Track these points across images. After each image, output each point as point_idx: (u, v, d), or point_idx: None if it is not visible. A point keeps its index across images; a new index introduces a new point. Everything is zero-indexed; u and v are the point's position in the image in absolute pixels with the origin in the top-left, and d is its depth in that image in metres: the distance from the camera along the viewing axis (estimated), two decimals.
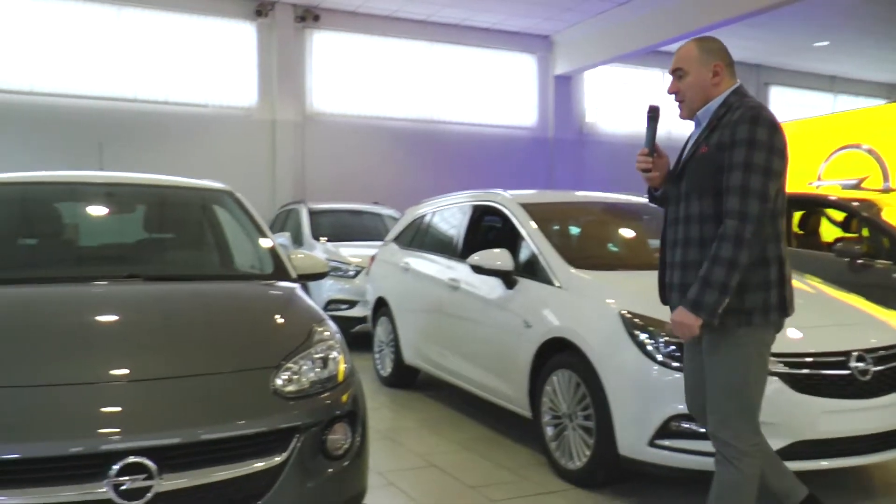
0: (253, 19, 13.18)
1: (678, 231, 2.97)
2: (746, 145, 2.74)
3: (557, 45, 15.21)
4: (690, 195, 2.92)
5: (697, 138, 2.96)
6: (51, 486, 2.40)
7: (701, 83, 2.93)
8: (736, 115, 2.81)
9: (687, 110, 3.01)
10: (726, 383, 2.88)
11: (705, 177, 2.85)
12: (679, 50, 3.00)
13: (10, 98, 11.76)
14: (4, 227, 4.17)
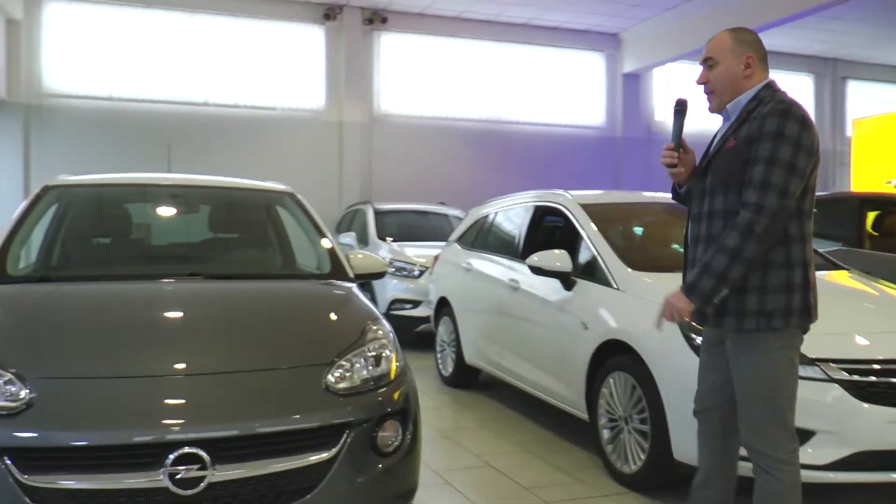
0: (321, 23, 13.39)
1: (701, 227, 2.88)
2: (773, 139, 2.65)
3: (626, 43, 15.02)
4: (715, 190, 2.82)
5: (726, 132, 2.87)
6: (113, 472, 2.53)
7: (732, 74, 2.84)
8: (766, 109, 2.72)
9: (716, 102, 2.92)
10: (756, 390, 2.78)
11: (732, 171, 2.76)
12: (711, 40, 2.92)
13: (89, 103, 12.29)
14: (81, 227, 4.39)
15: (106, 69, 12.37)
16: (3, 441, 2.51)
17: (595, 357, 4.51)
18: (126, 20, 12.49)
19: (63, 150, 12.01)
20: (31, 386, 2.65)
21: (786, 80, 16.57)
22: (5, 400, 2.61)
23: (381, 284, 8.90)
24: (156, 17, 12.61)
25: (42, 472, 2.50)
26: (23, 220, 3.96)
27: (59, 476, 2.50)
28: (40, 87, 12.11)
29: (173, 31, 12.70)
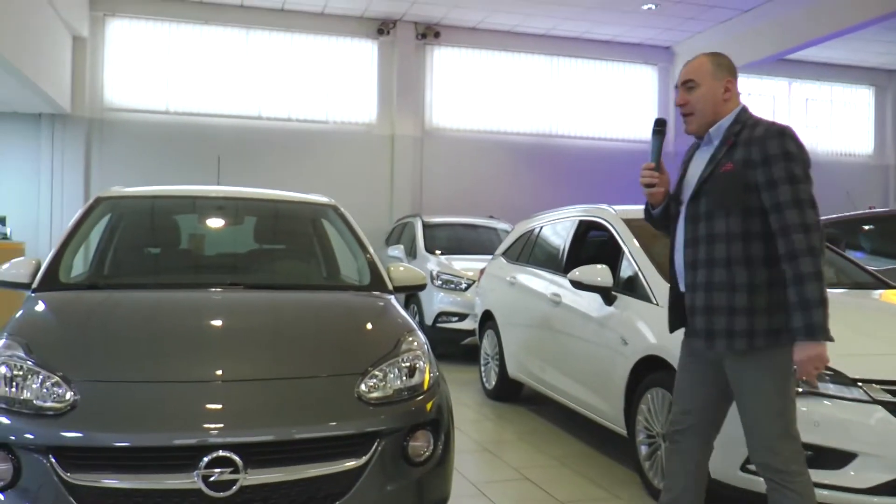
0: (375, 38, 13.59)
1: (699, 251, 2.86)
2: (784, 159, 2.70)
3: (679, 56, 14.90)
4: (714, 213, 2.82)
5: (714, 155, 2.88)
6: (151, 472, 2.63)
7: (713, 97, 2.89)
8: (759, 132, 2.78)
9: (696, 124, 2.95)
10: (767, 407, 2.79)
11: (732, 194, 2.77)
12: (690, 63, 2.97)
13: (147, 117, 12.75)
14: (131, 237, 4.56)
15: (164, 84, 12.81)
16: (49, 440, 2.63)
17: (634, 373, 4.49)
18: (184, 36, 12.90)
19: (121, 162, 12.47)
20: (76, 388, 2.77)
21: (845, 93, 16.28)
22: (52, 401, 2.74)
23: (427, 297, 8.98)
24: (213, 32, 12.99)
25: (84, 471, 2.60)
26: (75, 230, 4.14)
27: (99, 475, 2.60)
28: (102, 102, 12.59)
29: (230, 47, 13.06)
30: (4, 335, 3.10)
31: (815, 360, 2.65)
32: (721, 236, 2.80)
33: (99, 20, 12.58)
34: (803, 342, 2.65)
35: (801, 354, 2.66)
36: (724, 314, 2.79)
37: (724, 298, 2.78)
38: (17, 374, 2.82)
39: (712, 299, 2.83)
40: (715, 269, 2.81)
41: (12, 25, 8.93)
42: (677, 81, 2.99)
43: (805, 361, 2.67)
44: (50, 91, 10.77)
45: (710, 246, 2.83)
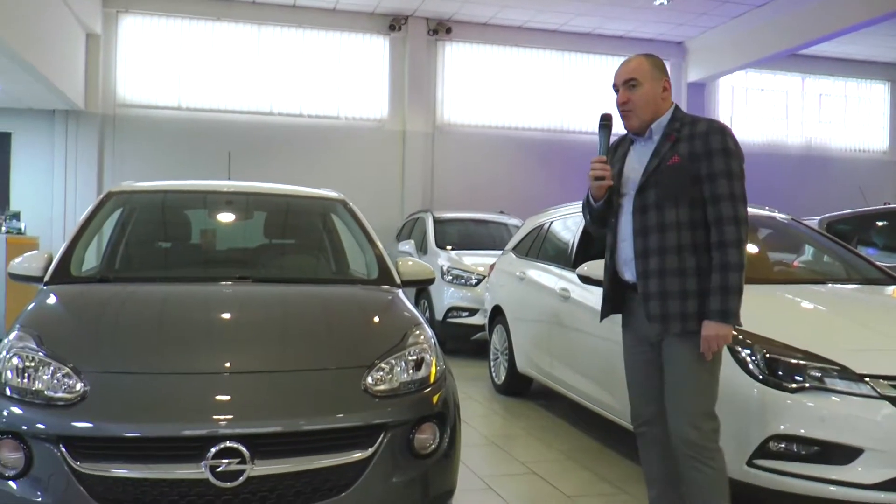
0: (386, 34, 13.62)
1: (650, 240, 3.01)
2: (723, 154, 2.92)
3: (691, 52, 14.86)
4: (663, 204, 2.98)
5: (658, 149, 3.04)
6: (159, 462, 2.66)
7: (653, 96, 3.06)
8: (702, 128, 2.99)
9: (637, 121, 3.08)
10: (695, 386, 2.99)
11: (680, 186, 2.96)
12: (629, 63, 3.11)
13: (159, 113, 12.86)
14: (142, 231, 4.61)
15: (176, 80, 12.89)
16: (59, 429, 2.67)
17: None
18: (196, 32, 12.97)
19: (134, 157, 12.58)
20: (86, 379, 2.81)
21: (860, 88, 16.18)
22: (62, 392, 2.78)
23: (438, 292, 9.01)
24: (225, 29, 13.06)
25: (93, 460, 2.64)
26: (87, 225, 4.19)
27: (109, 464, 2.64)
28: (115, 98, 12.69)
29: (241, 43, 13.13)
30: (17, 327, 3.14)
31: (721, 339, 2.91)
32: (672, 225, 2.97)
33: (112, 17, 12.66)
34: (715, 322, 2.88)
35: (710, 331, 2.89)
36: (677, 298, 2.95)
37: (677, 283, 2.95)
38: (29, 365, 2.87)
39: (665, 284, 2.97)
40: (668, 256, 2.97)
41: (27, 23, 9.01)
42: (615, 81, 3.13)
43: (712, 338, 2.90)
44: (64, 87, 10.86)
45: (661, 234, 2.99)
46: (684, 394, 3.00)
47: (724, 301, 2.88)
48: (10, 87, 10.71)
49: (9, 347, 2.98)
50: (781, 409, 3.56)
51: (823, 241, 5.51)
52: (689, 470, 2.99)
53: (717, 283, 2.89)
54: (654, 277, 2.99)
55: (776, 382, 3.60)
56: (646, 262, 3.02)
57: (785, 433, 3.53)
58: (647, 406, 3.19)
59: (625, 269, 3.14)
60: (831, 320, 4.14)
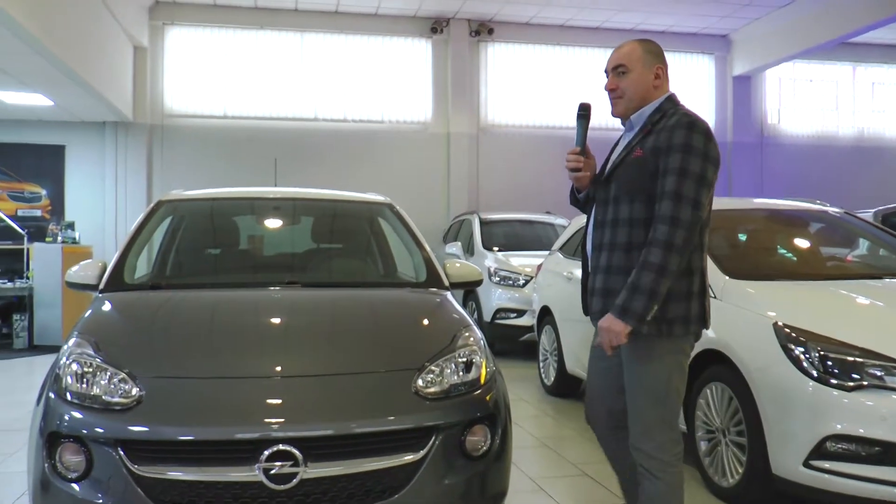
0: (428, 36, 13.65)
1: (604, 234, 2.88)
2: (682, 151, 2.69)
3: (736, 44, 14.60)
4: (620, 198, 2.84)
5: (630, 141, 2.90)
6: (213, 465, 2.71)
7: (643, 83, 2.89)
8: (672, 121, 2.77)
9: (623, 107, 2.94)
10: (648, 393, 2.81)
11: (638, 180, 2.79)
12: (620, 48, 2.95)
13: (205, 122, 13.08)
14: (191, 238, 4.69)
15: (221, 89, 13.09)
16: (117, 433, 2.74)
17: (692, 367, 4.42)
18: (240, 42, 13.16)
19: (181, 166, 12.81)
20: (142, 384, 2.87)
21: None
22: (119, 396, 2.84)
23: (486, 294, 9.00)
24: (269, 37, 13.21)
25: (149, 463, 2.70)
26: (138, 233, 4.28)
27: (164, 467, 2.70)
28: (162, 108, 12.94)
29: (285, 51, 13.26)
30: (75, 334, 3.22)
31: (613, 334, 2.69)
32: (624, 221, 2.82)
33: (158, 29, 12.91)
34: (613, 316, 2.69)
35: (606, 323, 2.71)
36: (617, 297, 2.73)
37: (620, 282, 2.75)
38: (87, 370, 2.94)
39: (609, 282, 2.83)
40: (614, 253, 2.82)
41: (81, 40, 9.26)
42: (606, 67, 2.98)
43: (606, 330, 2.71)
44: (114, 100, 11.11)
45: (613, 230, 2.85)
46: (639, 401, 2.84)
47: (630, 299, 2.65)
48: (65, 102, 10.99)
49: (68, 354, 3.06)
50: (838, 408, 3.49)
51: (879, 234, 5.37)
52: (641, 479, 2.86)
53: (631, 279, 2.67)
54: (601, 273, 2.87)
55: (832, 381, 3.54)
56: (598, 256, 2.90)
57: (842, 433, 3.47)
58: (597, 407, 3.09)
59: (590, 264, 3.02)
60: (890, 316, 4.03)
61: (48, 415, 2.88)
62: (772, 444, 3.73)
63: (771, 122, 15.14)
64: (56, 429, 2.82)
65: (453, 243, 10.53)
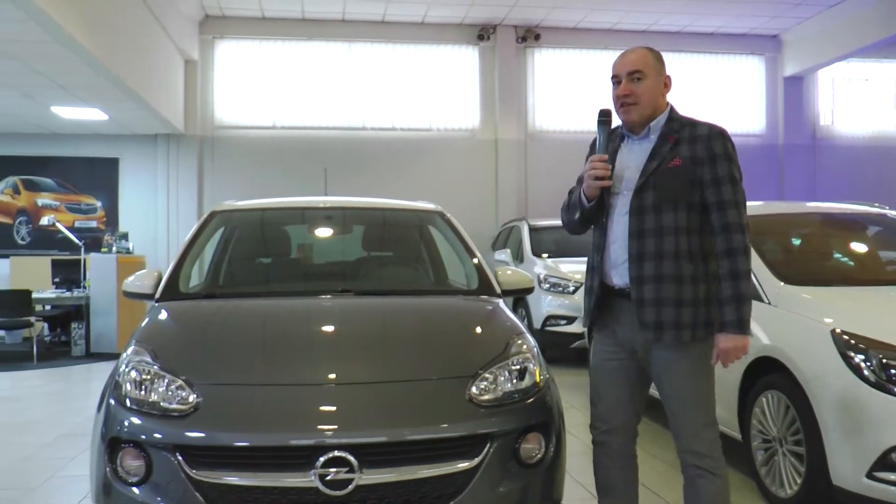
0: (475, 43, 13.67)
1: (646, 244, 2.84)
2: (727, 160, 2.81)
3: (787, 45, 14.34)
4: (662, 207, 2.83)
5: (657, 150, 2.89)
6: (269, 471, 2.74)
7: (656, 90, 2.93)
8: (703, 131, 2.87)
9: (637, 114, 2.91)
10: (699, 396, 2.89)
11: (681, 189, 2.81)
12: (631, 54, 2.94)
13: (255, 133, 13.29)
14: (244, 247, 4.76)
15: (270, 100, 13.28)
16: (175, 439, 2.79)
17: (747, 375, 4.36)
18: (289, 53, 13.34)
19: (232, 177, 13.03)
20: (199, 391, 2.92)
21: None
22: (177, 403, 2.89)
23: (535, 301, 8.96)
24: (317, 48, 13.37)
25: (207, 468, 2.74)
26: (193, 243, 4.36)
27: (221, 472, 2.73)
28: (212, 120, 13.19)
29: (333, 61, 13.41)
30: (133, 342, 3.29)
31: (739, 350, 2.77)
32: (670, 229, 2.82)
33: (208, 43, 13.17)
34: (731, 334, 2.74)
35: (728, 343, 2.75)
36: (672, 306, 2.80)
37: (673, 290, 2.80)
38: (146, 378, 3.00)
39: (661, 291, 2.81)
40: (664, 262, 2.81)
41: (134, 56, 9.49)
42: (617, 72, 2.94)
43: (730, 350, 2.76)
44: (165, 113, 11.35)
45: (658, 238, 2.83)
46: (686, 404, 2.89)
47: (740, 310, 2.74)
48: (119, 116, 11.27)
49: (127, 361, 3.12)
50: None
51: None
52: (696, 479, 2.91)
53: (730, 292, 2.75)
54: (650, 283, 2.82)
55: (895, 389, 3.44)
56: (640, 266, 2.84)
57: None
58: (615, 417, 3.05)
59: (613, 273, 2.94)
60: None
61: (109, 421, 2.95)
62: (832, 454, 3.65)
63: (824, 124, 14.82)
64: (117, 434, 2.88)
65: (502, 250, 10.51)
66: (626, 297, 2.89)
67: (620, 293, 2.92)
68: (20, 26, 6.94)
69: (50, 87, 9.47)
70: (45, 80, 9.07)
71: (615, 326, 2.99)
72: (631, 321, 2.88)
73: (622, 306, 2.93)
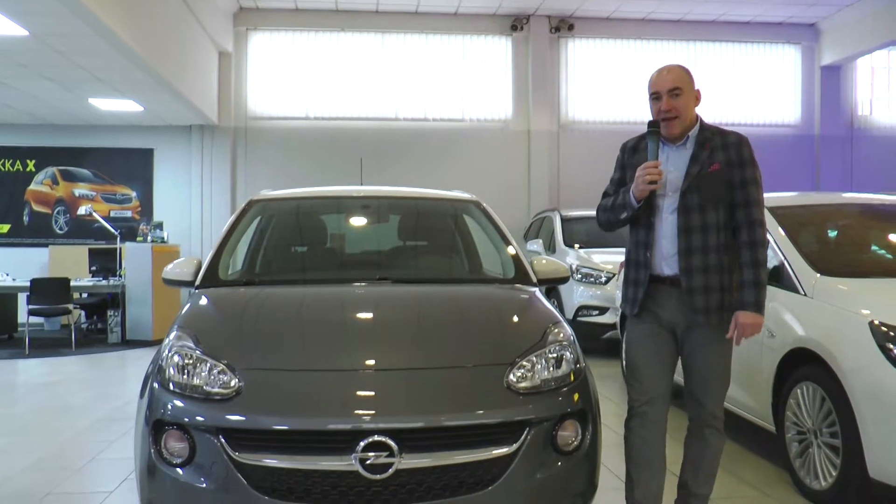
0: (508, 34, 13.65)
1: (694, 239, 3.22)
2: (752, 165, 3.25)
3: (824, 33, 14.12)
4: (706, 207, 3.22)
5: (696, 156, 3.25)
6: (310, 454, 2.79)
7: (691, 104, 3.31)
8: (732, 139, 3.28)
9: (680, 128, 3.28)
10: (725, 369, 3.34)
11: (720, 190, 3.22)
12: (670, 73, 3.31)
13: (288, 124, 13.42)
14: (281, 236, 4.82)
15: (303, 91, 13.39)
16: (218, 422, 2.85)
17: (781, 366, 4.35)
18: (322, 44, 13.42)
19: (265, 168, 13.17)
20: (240, 375, 2.98)
21: None
22: (219, 387, 2.95)
23: (568, 291, 8.96)
24: (349, 39, 13.44)
25: (249, 451, 2.80)
26: (231, 231, 4.43)
27: (262, 455, 2.79)
28: (246, 111, 13.33)
29: (366, 52, 13.47)
30: (175, 327, 3.36)
31: (756, 326, 3.17)
32: (713, 226, 3.22)
33: (242, 35, 13.29)
34: (751, 312, 3.15)
35: (748, 320, 3.16)
36: (716, 292, 3.20)
37: (717, 279, 3.21)
38: (188, 362, 3.06)
39: (709, 280, 3.21)
40: (710, 254, 3.21)
41: (169, 48, 9.62)
42: (657, 89, 3.29)
43: (749, 325, 3.16)
44: (200, 104, 11.49)
45: (704, 234, 3.22)
46: (716, 376, 3.32)
47: (758, 294, 3.16)
48: (154, 107, 11.43)
49: (169, 346, 3.19)
50: None
51: None
52: (707, 435, 3.38)
53: (752, 278, 3.16)
54: (699, 273, 3.21)
55: None
56: (689, 259, 3.22)
57: None
58: (658, 387, 3.37)
59: (663, 265, 3.28)
60: None
61: (153, 404, 3.02)
62: (869, 446, 3.63)
63: (862, 114, 14.58)
64: (160, 417, 2.95)
65: (535, 240, 10.51)
66: (674, 285, 3.26)
67: (668, 282, 3.28)
68: (63, 21, 7.08)
69: (88, 80, 9.63)
70: (84, 73, 9.23)
71: (657, 311, 3.33)
72: (676, 305, 3.26)
73: (669, 293, 3.28)
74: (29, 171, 13.23)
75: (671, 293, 3.27)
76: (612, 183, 3.54)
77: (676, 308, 3.27)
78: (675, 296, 3.26)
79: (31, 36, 7.66)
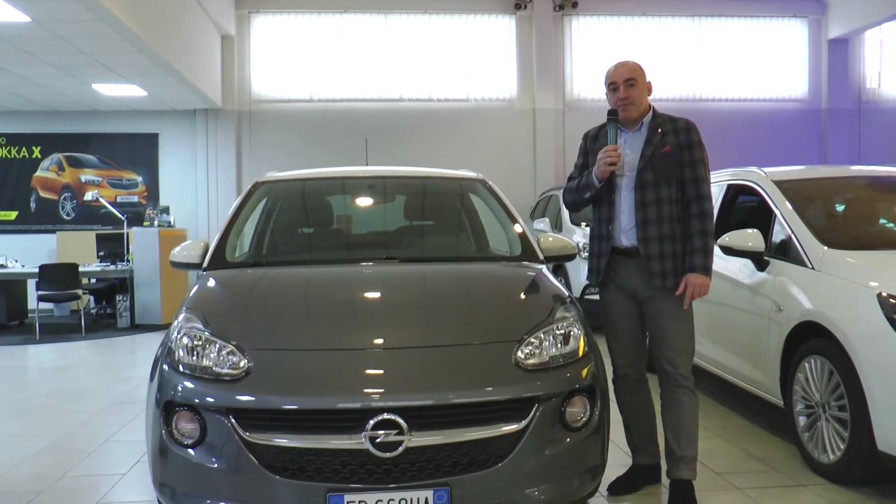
0: (512, 13, 13.58)
1: (650, 211, 3.64)
2: (699, 147, 3.68)
3: (832, 6, 13.98)
4: (660, 183, 3.64)
5: (650, 139, 3.69)
6: (320, 433, 2.80)
7: (644, 93, 3.73)
8: (681, 124, 3.71)
9: (636, 112, 3.71)
10: (689, 332, 3.72)
11: (672, 168, 3.64)
12: (625, 66, 3.73)
13: (292, 106, 13.41)
14: (287, 217, 4.83)
15: (307, 73, 13.36)
16: (228, 402, 2.86)
17: (789, 340, 4.35)
18: (325, 26, 13.38)
19: (270, 150, 13.17)
20: (249, 356, 2.99)
21: None
22: (228, 368, 2.97)
23: (574, 269, 8.95)
24: (352, 20, 13.38)
25: (259, 431, 2.81)
26: (238, 213, 4.44)
27: (272, 434, 2.81)
28: (249, 94, 13.32)
29: (369, 33, 13.41)
30: (184, 309, 3.37)
31: (705, 287, 3.61)
32: (666, 200, 3.65)
33: (244, 18, 13.25)
34: (700, 275, 3.58)
35: (697, 280, 3.59)
36: (670, 258, 3.62)
37: (671, 247, 3.63)
38: (197, 343, 3.08)
39: (664, 247, 3.63)
40: (664, 224, 3.64)
41: (172, 32, 9.60)
42: (615, 80, 3.71)
43: (698, 285, 3.59)
44: (203, 88, 11.47)
45: (658, 207, 3.64)
46: (676, 335, 3.67)
47: (706, 259, 3.60)
48: (158, 92, 11.42)
49: (179, 328, 3.21)
50: None
51: None
52: (680, 396, 3.67)
53: (700, 245, 3.60)
54: (655, 242, 3.63)
55: None
56: (646, 229, 3.65)
57: None
58: (633, 349, 3.84)
59: (622, 237, 3.72)
60: None
61: (163, 385, 3.03)
62: (877, 419, 3.64)
63: (870, 87, 14.46)
64: (171, 398, 2.97)
65: (541, 219, 10.48)
66: (632, 256, 3.69)
67: (627, 252, 3.71)
68: (65, 6, 7.06)
69: (92, 65, 9.61)
70: (87, 58, 9.21)
71: (619, 281, 3.78)
72: (635, 273, 3.70)
73: (628, 263, 3.73)
74: (35, 158, 13.25)
75: (630, 263, 3.72)
76: (577, 168, 3.94)
77: (635, 275, 3.70)
78: (633, 265, 3.70)
79: (34, 22, 7.64)
